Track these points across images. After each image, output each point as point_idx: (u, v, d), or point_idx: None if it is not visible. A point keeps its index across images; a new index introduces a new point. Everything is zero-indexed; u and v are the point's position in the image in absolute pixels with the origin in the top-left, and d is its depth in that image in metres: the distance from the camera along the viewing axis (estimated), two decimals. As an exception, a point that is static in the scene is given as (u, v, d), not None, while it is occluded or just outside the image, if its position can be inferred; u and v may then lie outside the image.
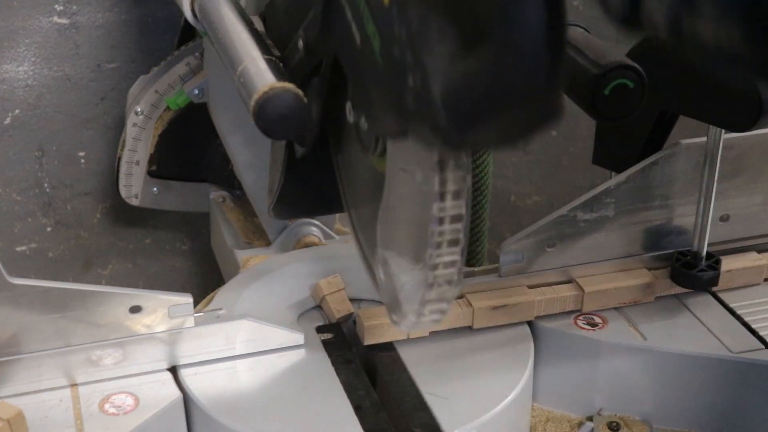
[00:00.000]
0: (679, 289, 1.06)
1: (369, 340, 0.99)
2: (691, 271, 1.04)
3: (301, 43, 0.83)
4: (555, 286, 1.03)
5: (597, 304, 1.03)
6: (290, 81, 0.79)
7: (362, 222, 0.89)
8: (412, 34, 0.63)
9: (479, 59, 0.59)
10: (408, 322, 0.78)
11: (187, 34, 1.30)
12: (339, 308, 1.02)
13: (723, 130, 1.00)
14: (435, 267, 0.73)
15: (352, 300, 1.05)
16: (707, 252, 1.05)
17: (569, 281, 1.04)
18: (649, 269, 1.06)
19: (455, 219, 0.72)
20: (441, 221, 0.71)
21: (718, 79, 0.97)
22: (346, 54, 0.76)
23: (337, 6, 0.76)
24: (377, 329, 0.99)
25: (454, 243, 0.72)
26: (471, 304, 1.00)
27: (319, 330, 1.02)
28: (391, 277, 0.81)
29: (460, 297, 1.01)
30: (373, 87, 0.72)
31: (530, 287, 1.03)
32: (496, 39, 0.58)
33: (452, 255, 0.73)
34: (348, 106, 0.80)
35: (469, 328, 1.01)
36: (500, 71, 0.58)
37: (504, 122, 0.62)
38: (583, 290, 1.02)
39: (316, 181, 0.95)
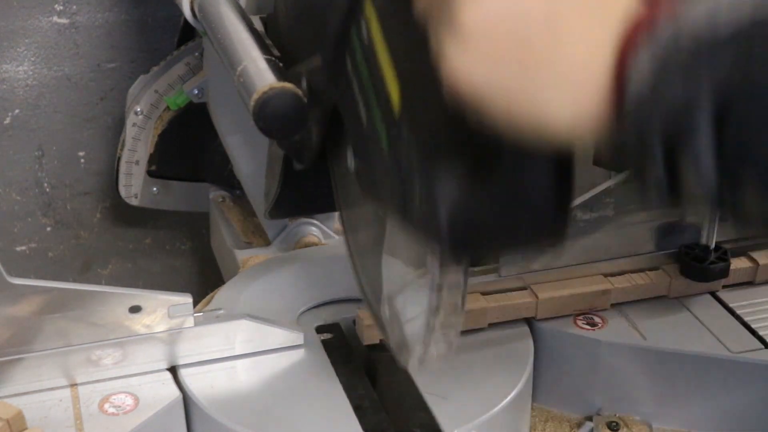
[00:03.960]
0: (679, 291, 1.06)
1: (369, 340, 0.98)
2: (702, 264, 1.04)
3: (304, 83, 0.81)
4: (509, 293, 1.02)
5: (551, 311, 1.02)
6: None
7: (365, 261, 0.89)
8: (421, 157, 0.63)
9: (488, 197, 0.60)
10: (416, 358, 0.78)
11: (187, 33, 1.30)
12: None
13: None
14: (439, 289, 0.72)
15: (352, 300, 1.05)
16: (715, 244, 1.05)
17: (524, 288, 1.03)
18: (650, 269, 1.06)
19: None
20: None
21: None
22: (351, 120, 0.75)
23: (345, 76, 0.74)
24: (376, 329, 0.98)
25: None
26: None
27: (319, 330, 1.02)
28: (397, 315, 0.81)
29: None
30: (378, 165, 0.71)
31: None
32: (505, 181, 0.59)
33: (456, 275, 0.72)
34: (349, 152, 0.78)
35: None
36: (507, 213, 0.60)
37: (507, 251, 0.64)
38: (537, 297, 1.01)
39: (312, 184, 0.95)
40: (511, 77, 0.52)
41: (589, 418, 1.02)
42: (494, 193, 0.59)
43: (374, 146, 0.70)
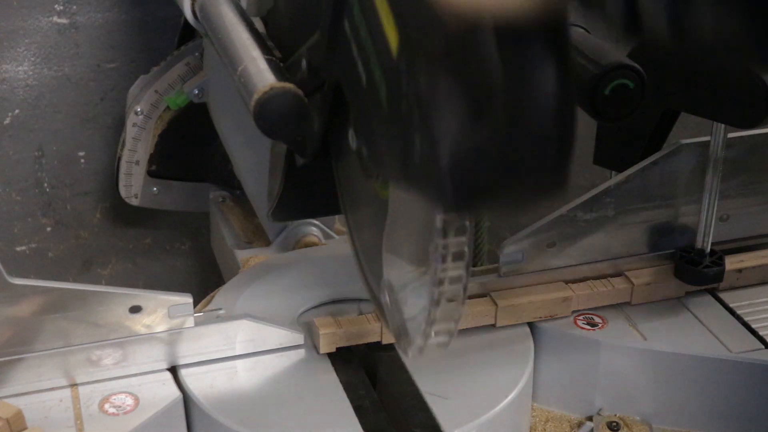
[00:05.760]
0: (679, 292, 1.06)
1: (324, 349, 0.98)
2: (696, 268, 1.04)
3: (304, 63, 0.82)
4: (469, 300, 1.01)
5: (511, 319, 1.01)
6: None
7: (365, 247, 0.89)
8: (420, 93, 0.62)
9: (488, 131, 0.58)
10: (416, 347, 0.78)
11: (187, 33, 1.30)
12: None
13: (726, 127, 1.00)
14: (440, 282, 0.72)
15: (352, 300, 1.05)
16: (710, 249, 1.05)
17: (485, 294, 1.02)
18: (649, 268, 1.06)
19: (459, 231, 0.71)
20: (444, 233, 0.71)
21: (725, 75, 0.96)
22: (350, 88, 0.75)
23: (343, 39, 0.74)
24: (332, 337, 0.98)
25: (458, 257, 0.72)
26: None
27: (319, 330, 1.02)
28: (397, 302, 0.81)
29: None
30: (377, 129, 0.70)
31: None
32: (506, 112, 0.57)
33: (457, 269, 0.72)
34: (350, 132, 0.78)
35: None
36: (509, 146, 0.58)
37: (509, 194, 0.61)
38: (496, 305, 1.01)
39: (316, 185, 0.95)
40: None
41: (589, 418, 1.03)
42: (494, 133, 0.58)
43: (374, 107, 0.69)
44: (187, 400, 0.93)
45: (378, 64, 0.68)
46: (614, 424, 1.01)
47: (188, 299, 0.94)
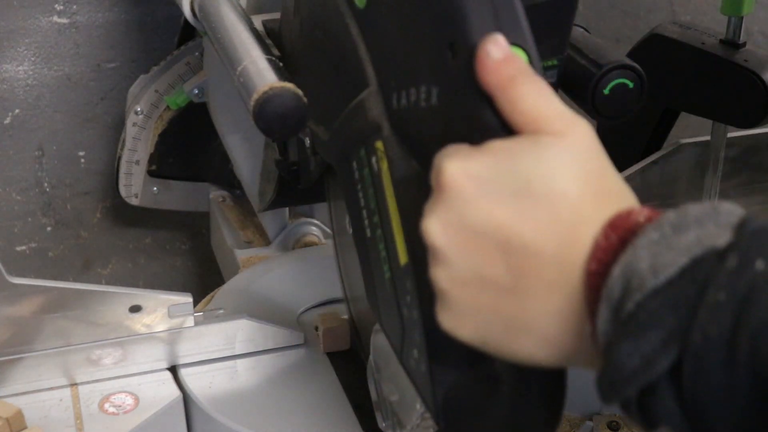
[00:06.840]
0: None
1: (324, 349, 0.98)
2: None
3: (308, 142, 0.80)
4: None
5: None
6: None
7: (361, 322, 0.91)
8: (422, 319, 0.62)
9: (484, 389, 0.60)
10: None
11: (187, 33, 1.30)
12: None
13: (726, 126, 1.00)
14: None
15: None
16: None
17: None
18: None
19: None
20: None
21: (725, 74, 0.97)
22: (352, 212, 0.73)
23: (349, 173, 0.72)
24: (332, 337, 0.98)
25: None
26: None
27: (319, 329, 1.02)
28: (381, 388, 0.82)
29: None
30: (376, 276, 0.70)
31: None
32: (506, 391, 0.58)
33: None
34: (347, 219, 0.78)
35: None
36: (503, 412, 0.59)
37: None
38: None
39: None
40: (491, 335, 0.55)
41: (590, 418, 1.02)
42: (490, 394, 0.60)
43: (375, 256, 0.69)
44: (186, 399, 0.93)
45: (384, 243, 0.67)
46: (614, 423, 1.01)
47: (188, 299, 0.94)
